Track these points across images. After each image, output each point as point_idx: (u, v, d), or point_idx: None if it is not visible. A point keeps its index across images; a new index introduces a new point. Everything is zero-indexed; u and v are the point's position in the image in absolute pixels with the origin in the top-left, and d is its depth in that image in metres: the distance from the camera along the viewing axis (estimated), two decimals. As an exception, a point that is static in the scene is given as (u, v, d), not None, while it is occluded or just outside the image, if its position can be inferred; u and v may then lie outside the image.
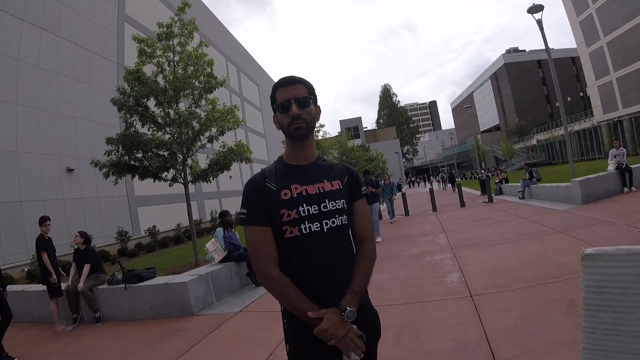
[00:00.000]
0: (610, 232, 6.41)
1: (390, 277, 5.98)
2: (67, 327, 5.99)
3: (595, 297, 1.24)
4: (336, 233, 1.50)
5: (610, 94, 37.51)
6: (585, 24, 38.87)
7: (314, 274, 1.45)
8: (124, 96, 9.47)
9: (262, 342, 4.12)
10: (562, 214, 9.21)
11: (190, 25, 9.89)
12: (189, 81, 9.68)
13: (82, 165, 17.00)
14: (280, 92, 1.52)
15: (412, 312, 4.28)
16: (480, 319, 3.71)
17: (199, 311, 5.72)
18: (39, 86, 16.60)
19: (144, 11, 24.47)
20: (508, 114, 73.78)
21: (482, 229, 9.16)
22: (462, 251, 6.97)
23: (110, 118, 18.54)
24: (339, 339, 1.34)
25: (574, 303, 3.60)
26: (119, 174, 9.52)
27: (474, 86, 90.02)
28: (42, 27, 17.06)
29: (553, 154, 51.16)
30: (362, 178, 1.74)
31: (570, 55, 64.04)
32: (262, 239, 1.46)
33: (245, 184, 1.57)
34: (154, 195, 22.00)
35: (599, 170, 12.67)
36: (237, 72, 41.17)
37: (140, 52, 9.63)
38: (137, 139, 9.37)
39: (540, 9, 12.88)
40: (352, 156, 34.91)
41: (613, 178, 10.70)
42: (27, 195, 15.31)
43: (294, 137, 1.53)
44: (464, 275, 5.38)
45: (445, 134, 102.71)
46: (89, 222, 17.66)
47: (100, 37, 21.05)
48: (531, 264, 5.34)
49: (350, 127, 61.53)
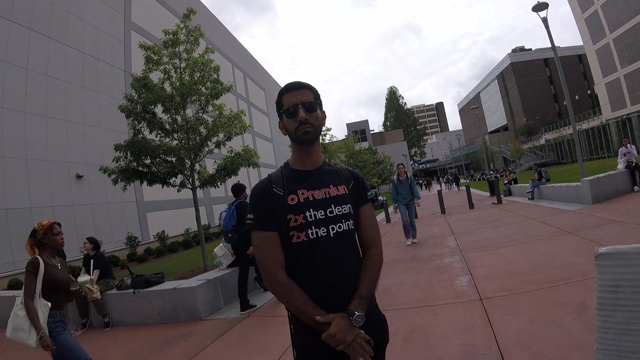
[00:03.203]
0: (621, 232, 6.32)
1: (399, 281, 5.94)
2: (77, 332, 6.02)
3: (609, 296, 1.23)
4: (342, 238, 1.49)
5: (618, 91, 37.17)
6: (591, 20, 38.60)
7: (321, 279, 1.45)
8: (131, 103, 9.56)
9: (270, 347, 4.11)
10: (572, 214, 9.11)
11: (196, 31, 9.97)
12: (196, 87, 9.75)
13: (91, 172, 17.19)
14: (287, 97, 1.53)
15: (421, 317, 4.24)
16: (490, 323, 3.67)
17: (207, 316, 5.72)
18: (47, 94, 16.83)
19: (150, 19, 24.73)
20: (515, 113, 73.29)
21: (491, 231, 9.08)
22: (471, 254, 6.91)
23: (118, 125, 18.71)
24: (347, 344, 1.33)
25: (585, 306, 3.55)
26: (128, 180, 9.60)
27: (481, 86, 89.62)
28: (49, 36, 17.31)
29: (562, 154, 50.68)
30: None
31: (576, 53, 63.58)
32: (269, 244, 1.46)
33: (251, 189, 1.57)
34: (162, 201, 22.15)
35: (608, 169, 12.53)
36: (244, 77, 41.40)
37: (147, 59, 9.72)
38: (145, 145, 9.46)
39: (545, 6, 12.80)
40: (360, 159, 34.90)
41: (623, 177, 10.57)
42: (36, 202, 15.49)
43: (302, 142, 1.53)
44: (473, 278, 5.33)
45: (453, 136, 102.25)
46: (98, 228, 17.82)
47: (107, 45, 21.30)
48: (541, 266, 5.28)
49: (357, 130, 61.64)
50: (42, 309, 2.97)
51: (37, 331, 2.87)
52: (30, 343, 2.90)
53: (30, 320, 2.90)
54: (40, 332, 2.87)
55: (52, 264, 3.13)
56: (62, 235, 3.31)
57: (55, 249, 3.22)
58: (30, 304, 2.93)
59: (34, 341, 2.89)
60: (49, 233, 3.14)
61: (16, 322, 2.95)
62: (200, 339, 4.75)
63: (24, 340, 2.93)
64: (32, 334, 2.90)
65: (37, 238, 3.12)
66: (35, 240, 3.13)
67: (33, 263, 3.01)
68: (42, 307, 2.98)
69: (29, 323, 2.90)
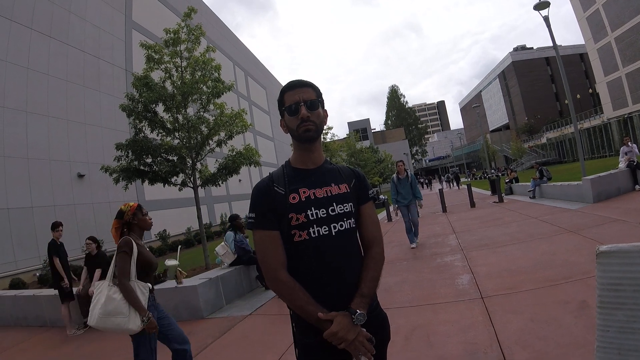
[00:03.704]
0: (622, 230, 6.31)
1: (400, 280, 5.95)
2: (79, 331, 6.05)
3: (610, 294, 1.23)
4: (344, 236, 1.50)
5: (619, 90, 37.06)
6: (592, 19, 38.48)
7: (323, 278, 1.45)
8: (132, 102, 9.57)
9: (272, 345, 4.12)
10: (573, 213, 9.10)
11: (197, 30, 9.97)
12: (197, 86, 9.75)
13: (92, 171, 17.21)
14: (289, 95, 1.53)
15: (422, 315, 4.25)
16: (491, 321, 3.67)
17: (209, 314, 5.74)
18: (48, 93, 16.85)
19: (150, 18, 24.73)
20: (517, 112, 73.15)
21: (492, 229, 9.07)
22: (473, 252, 6.91)
23: (119, 124, 18.72)
24: (348, 342, 1.34)
25: (586, 304, 3.56)
26: (129, 179, 9.62)
27: (482, 85, 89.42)
28: (50, 36, 17.32)
29: (563, 152, 50.56)
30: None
31: (578, 52, 63.43)
32: (271, 243, 1.47)
33: (253, 188, 1.58)
34: (164, 200, 22.16)
35: (610, 168, 12.51)
36: (245, 76, 41.39)
37: (148, 58, 9.73)
38: (147, 144, 9.47)
39: (547, 5, 12.78)
40: (361, 158, 34.96)
41: (624, 176, 10.55)
42: (38, 201, 15.52)
43: (303, 140, 1.53)
44: (475, 277, 5.33)
45: (454, 134, 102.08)
46: (99, 227, 17.82)
47: (108, 44, 21.31)
48: (542, 264, 5.28)
49: (359, 128, 61.57)
50: (141, 291, 2.83)
51: (143, 313, 2.74)
52: (131, 327, 2.72)
53: (130, 302, 2.73)
54: (146, 314, 2.76)
55: (142, 245, 3.02)
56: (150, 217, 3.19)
57: (143, 230, 3.12)
58: (129, 285, 2.77)
59: (136, 325, 2.72)
60: (138, 213, 3.03)
61: (111, 306, 2.73)
62: (202, 338, 4.76)
63: (122, 325, 2.73)
64: (132, 317, 2.72)
65: (125, 219, 3.00)
66: (121, 223, 3.00)
67: (127, 243, 2.87)
68: (142, 289, 2.84)
69: (127, 306, 2.73)
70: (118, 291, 2.76)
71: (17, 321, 7.20)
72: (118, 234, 2.99)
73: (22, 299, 7.29)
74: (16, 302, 7.32)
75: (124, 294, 2.74)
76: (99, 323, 2.74)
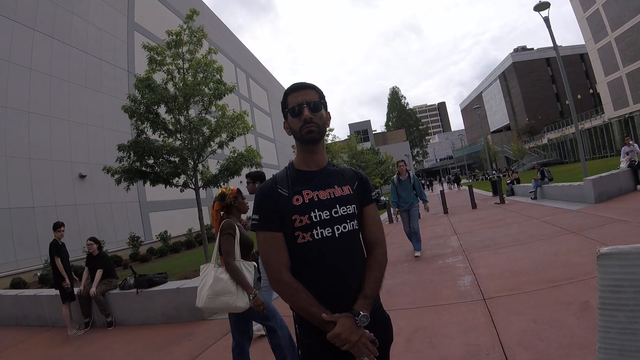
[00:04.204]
0: (624, 231, 6.31)
1: (402, 281, 5.94)
2: (79, 331, 6.05)
3: (611, 296, 1.24)
4: (347, 238, 1.51)
5: (620, 90, 37.03)
6: (592, 19, 38.47)
7: (326, 279, 1.46)
8: (134, 103, 9.60)
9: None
10: (574, 213, 9.10)
11: (199, 32, 10.00)
12: (199, 88, 9.78)
13: (94, 172, 17.21)
14: (292, 96, 1.54)
15: (424, 317, 4.25)
16: (494, 323, 3.67)
17: (211, 316, 5.73)
18: (51, 94, 16.87)
19: (153, 19, 24.77)
20: (518, 113, 73.12)
21: (494, 230, 9.06)
22: (474, 254, 6.90)
23: (121, 125, 18.74)
24: (352, 344, 1.34)
25: (588, 305, 3.56)
26: (131, 180, 9.64)
27: (483, 86, 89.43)
28: (52, 37, 17.35)
29: (564, 153, 50.50)
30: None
31: (578, 52, 63.37)
32: (274, 245, 1.47)
33: (256, 190, 1.58)
34: (165, 201, 22.19)
35: (611, 168, 12.51)
36: (246, 78, 41.42)
37: (150, 60, 9.75)
38: (149, 145, 9.50)
39: (547, 6, 12.78)
40: (362, 159, 34.94)
41: (625, 176, 10.55)
42: (40, 201, 15.54)
43: (306, 141, 1.54)
44: (477, 278, 5.33)
45: (455, 135, 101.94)
46: (101, 228, 17.86)
47: (110, 46, 21.34)
48: (544, 265, 5.28)
49: (360, 130, 61.56)
50: (247, 269, 2.96)
51: (250, 291, 2.87)
52: (240, 305, 2.86)
53: (238, 281, 2.87)
54: (253, 291, 2.88)
55: (241, 226, 3.17)
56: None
57: (241, 213, 3.28)
58: (235, 265, 2.90)
59: (245, 302, 2.86)
60: (238, 197, 3.21)
61: (219, 286, 2.87)
62: (204, 339, 4.77)
63: (231, 303, 2.86)
64: (241, 296, 2.86)
65: (226, 202, 3.16)
66: (222, 205, 3.15)
67: (230, 225, 3.02)
68: (247, 267, 2.97)
69: (235, 285, 2.86)
70: (224, 272, 2.91)
71: (17, 320, 7.21)
72: (218, 215, 3.16)
73: (23, 298, 7.30)
74: (17, 301, 7.34)
75: (231, 273, 2.89)
76: (208, 304, 2.90)
